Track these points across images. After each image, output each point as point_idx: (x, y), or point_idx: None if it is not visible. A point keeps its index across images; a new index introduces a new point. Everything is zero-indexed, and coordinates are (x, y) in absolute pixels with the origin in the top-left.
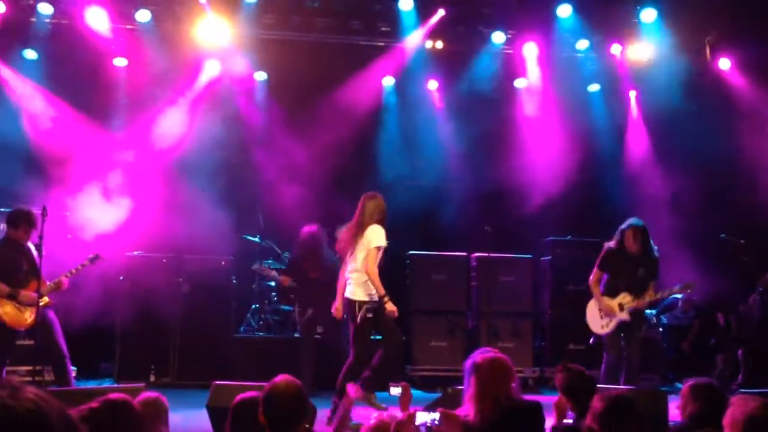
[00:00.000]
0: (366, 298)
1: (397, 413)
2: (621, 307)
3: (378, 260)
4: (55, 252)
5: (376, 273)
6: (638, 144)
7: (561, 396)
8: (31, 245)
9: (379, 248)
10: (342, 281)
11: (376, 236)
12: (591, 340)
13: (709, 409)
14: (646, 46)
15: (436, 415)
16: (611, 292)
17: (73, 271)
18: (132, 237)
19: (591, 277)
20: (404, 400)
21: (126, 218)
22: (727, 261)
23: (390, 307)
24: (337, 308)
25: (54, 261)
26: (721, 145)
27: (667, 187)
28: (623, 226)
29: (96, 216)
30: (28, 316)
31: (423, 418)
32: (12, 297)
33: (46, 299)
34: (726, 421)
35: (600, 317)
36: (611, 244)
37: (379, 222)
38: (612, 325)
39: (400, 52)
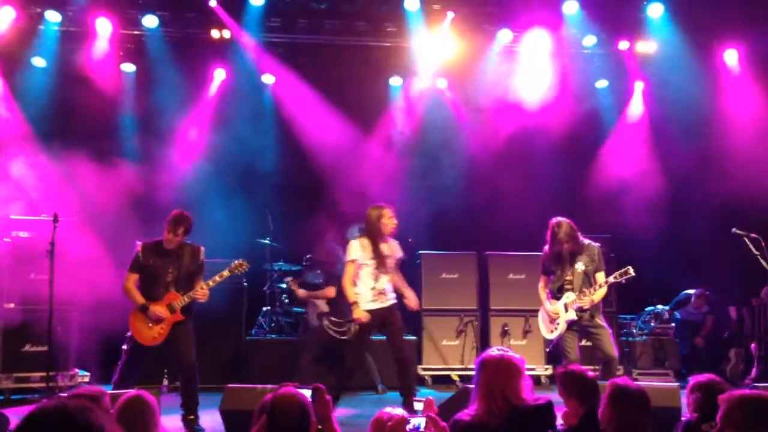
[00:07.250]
0: None
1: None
2: (566, 307)
3: (354, 272)
4: None
5: (345, 284)
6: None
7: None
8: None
9: (351, 261)
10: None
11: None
12: (548, 348)
13: (712, 404)
14: (653, 42)
15: (423, 420)
16: (555, 295)
17: (210, 283)
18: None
19: (539, 284)
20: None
21: None
22: (739, 255)
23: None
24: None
25: None
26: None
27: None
28: (554, 228)
29: None
30: (156, 334)
31: (412, 422)
32: (143, 310)
33: (177, 314)
34: (718, 416)
35: (549, 322)
36: (546, 248)
37: (371, 234)
38: (561, 328)
39: (406, 52)
